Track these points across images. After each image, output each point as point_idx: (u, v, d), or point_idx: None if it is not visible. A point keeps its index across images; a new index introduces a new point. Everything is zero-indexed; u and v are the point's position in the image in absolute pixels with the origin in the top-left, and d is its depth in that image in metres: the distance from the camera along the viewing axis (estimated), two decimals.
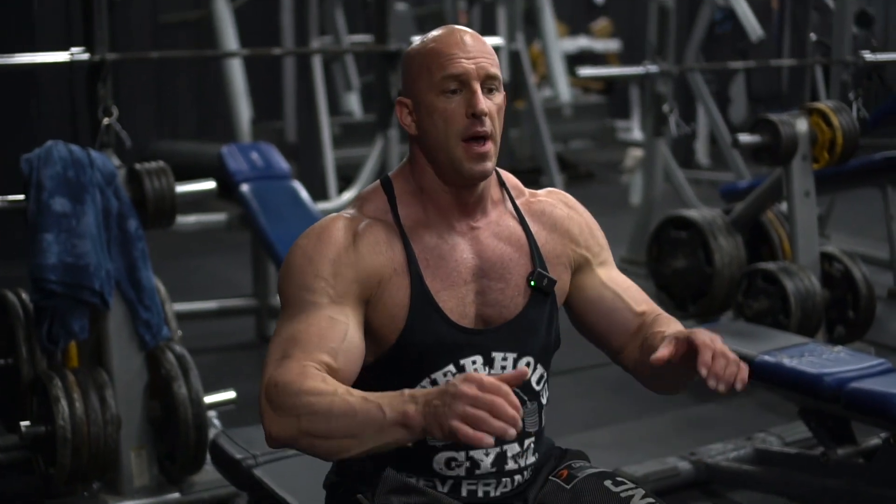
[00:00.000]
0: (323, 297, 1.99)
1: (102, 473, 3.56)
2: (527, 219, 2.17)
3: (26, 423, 3.50)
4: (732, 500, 3.81)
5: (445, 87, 2.03)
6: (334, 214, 2.10)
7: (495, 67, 2.06)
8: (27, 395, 3.60)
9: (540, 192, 2.25)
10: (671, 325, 2.15)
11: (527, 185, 2.27)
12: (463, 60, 2.02)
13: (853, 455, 3.48)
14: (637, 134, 10.94)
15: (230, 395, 3.89)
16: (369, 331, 2.04)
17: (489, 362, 2.08)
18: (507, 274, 2.11)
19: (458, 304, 2.06)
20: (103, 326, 3.64)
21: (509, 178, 2.20)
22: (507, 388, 1.73)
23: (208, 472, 3.75)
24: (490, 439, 1.70)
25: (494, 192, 2.15)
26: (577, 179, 10.18)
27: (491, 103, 2.04)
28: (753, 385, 3.80)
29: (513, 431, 1.71)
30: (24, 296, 3.75)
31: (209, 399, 3.75)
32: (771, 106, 9.70)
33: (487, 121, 2.03)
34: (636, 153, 9.68)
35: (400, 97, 2.10)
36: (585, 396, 4.85)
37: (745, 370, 1.90)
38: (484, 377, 1.73)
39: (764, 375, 3.52)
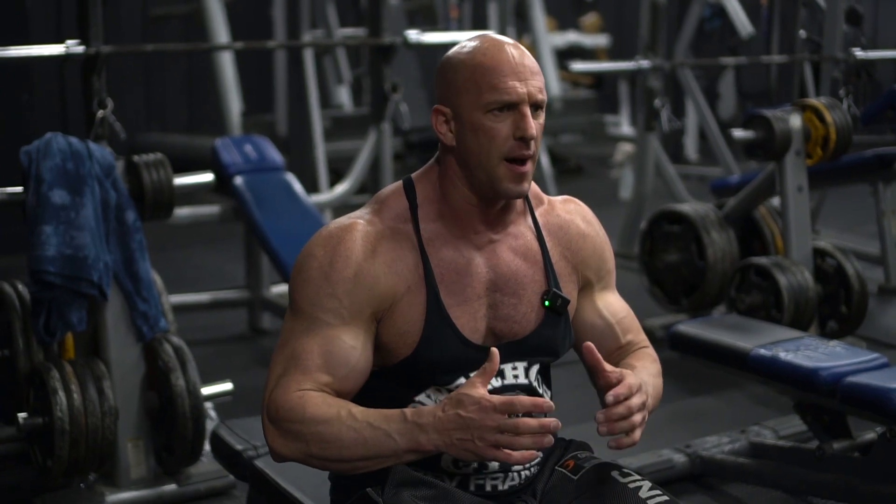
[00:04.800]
0: (335, 318, 2.00)
1: (100, 465, 3.55)
2: (544, 233, 2.14)
3: (23, 414, 3.49)
4: (727, 493, 3.82)
5: (494, 108, 1.99)
6: (351, 219, 2.06)
7: (544, 92, 2.03)
8: (24, 387, 3.59)
9: (557, 199, 2.22)
10: (642, 361, 2.19)
11: None
12: (516, 84, 1.98)
13: (849, 449, 3.49)
14: (626, 128, 10.96)
15: (227, 386, 3.88)
16: (377, 345, 2.04)
17: (500, 373, 2.08)
18: (520, 290, 2.09)
19: (470, 319, 2.05)
20: (101, 318, 3.64)
21: (531, 186, 2.15)
22: (511, 400, 1.85)
23: (205, 464, 3.77)
24: (534, 452, 1.87)
25: (519, 203, 2.13)
26: (567, 173, 10.20)
27: (537, 124, 2.02)
28: (748, 378, 3.82)
29: (549, 438, 1.86)
30: (21, 287, 3.74)
31: (206, 391, 3.74)
32: (760, 102, 9.74)
33: (533, 144, 2.00)
34: (626, 148, 9.71)
35: (438, 105, 2.05)
36: (581, 388, 4.82)
37: (635, 437, 2.01)
38: (487, 398, 1.85)
39: (759, 369, 3.53)
